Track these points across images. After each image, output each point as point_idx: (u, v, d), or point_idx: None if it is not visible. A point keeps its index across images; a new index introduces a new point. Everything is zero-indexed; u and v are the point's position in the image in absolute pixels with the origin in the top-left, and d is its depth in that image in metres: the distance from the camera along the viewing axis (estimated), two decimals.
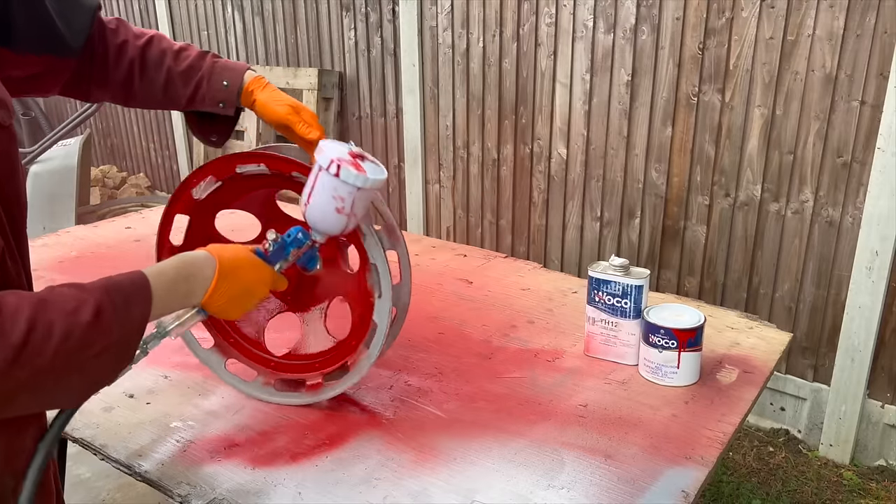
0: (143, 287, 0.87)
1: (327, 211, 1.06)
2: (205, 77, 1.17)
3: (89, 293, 0.80)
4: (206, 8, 4.33)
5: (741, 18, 2.47)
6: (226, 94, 1.17)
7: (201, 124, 1.25)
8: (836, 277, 2.50)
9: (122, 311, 0.82)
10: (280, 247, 1.08)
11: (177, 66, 1.16)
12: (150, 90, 1.17)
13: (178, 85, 1.17)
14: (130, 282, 0.86)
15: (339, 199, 1.05)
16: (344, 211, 1.06)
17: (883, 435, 2.57)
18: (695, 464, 1.12)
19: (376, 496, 1.06)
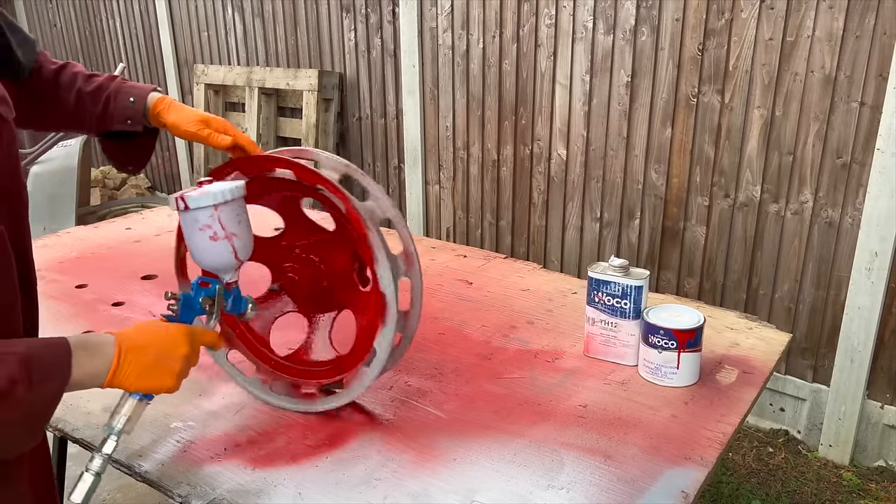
0: (64, 363, 0.84)
1: (205, 246, 1.02)
2: (112, 96, 1.18)
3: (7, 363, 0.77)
4: (206, 9, 4.34)
5: (740, 19, 2.47)
6: (132, 111, 1.18)
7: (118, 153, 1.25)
8: (835, 278, 2.50)
9: (36, 387, 0.79)
10: (185, 303, 1.02)
11: (86, 86, 1.19)
12: (61, 109, 1.19)
13: (87, 104, 1.18)
14: (52, 355, 0.84)
15: (206, 229, 1.00)
16: (218, 236, 1.01)
17: (882, 435, 2.57)
18: (694, 464, 1.12)
19: (376, 496, 1.06)
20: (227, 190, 1.01)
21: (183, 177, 4.93)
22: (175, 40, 4.65)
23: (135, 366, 0.92)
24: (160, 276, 1.82)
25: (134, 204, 4.82)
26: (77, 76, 1.20)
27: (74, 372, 0.85)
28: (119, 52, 5.07)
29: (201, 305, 1.02)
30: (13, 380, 0.77)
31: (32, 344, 0.83)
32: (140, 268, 1.86)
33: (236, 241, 1.03)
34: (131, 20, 4.90)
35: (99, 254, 1.97)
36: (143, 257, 1.94)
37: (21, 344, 0.82)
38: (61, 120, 1.21)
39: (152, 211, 2.39)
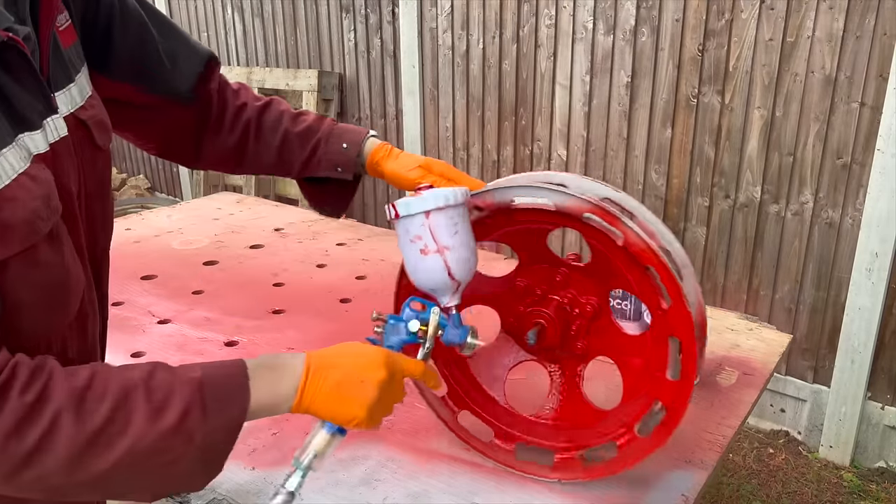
0: (242, 386, 0.76)
1: (415, 261, 0.90)
2: (322, 139, 1.08)
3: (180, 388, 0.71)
4: (206, 9, 4.34)
5: (741, 20, 2.47)
6: (344, 158, 1.07)
7: (316, 193, 1.15)
8: (835, 279, 2.49)
9: (212, 415, 0.72)
10: (392, 325, 0.89)
11: (294, 127, 1.09)
12: (264, 153, 1.09)
13: (294, 147, 1.09)
14: (228, 378, 0.76)
15: (417, 240, 0.88)
16: (429, 249, 0.88)
17: (883, 436, 2.57)
18: (695, 467, 1.12)
19: (376, 497, 1.05)
20: (443, 195, 0.89)
21: (183, 178, 4.93)
22: None
23: (322, 385, 0.80)
24: (159, 276, 1.82)
25: (133, 205, 4.81)
26: (283, 115, 1.10)
27: (256, 394, 0.76)
28: None
29: (411, 330, 0.89)
30: (186, 409, 0.70)
31: (206, 368, 0.75)
32: (139, 268, 1.86)
33: (449, 256, 0.89)
34: None
35: None
36: (142, 258, 1.93)
37: (195, 368, 0.74)
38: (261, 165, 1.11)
39: (152, 212, 2.39)
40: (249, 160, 1.11)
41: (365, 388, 0.81)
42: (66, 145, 0.77)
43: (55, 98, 0.77)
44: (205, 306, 1.65)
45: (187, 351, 1.45)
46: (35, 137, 0.71)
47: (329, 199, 1.15)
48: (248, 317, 1.60)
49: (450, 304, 0.92)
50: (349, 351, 0.84)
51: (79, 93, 0.83)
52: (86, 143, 0.83)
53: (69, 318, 0.78)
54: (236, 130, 1.09)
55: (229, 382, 0.75)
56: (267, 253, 1.97)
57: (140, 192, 5.22)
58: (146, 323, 1.58)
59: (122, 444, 0.67)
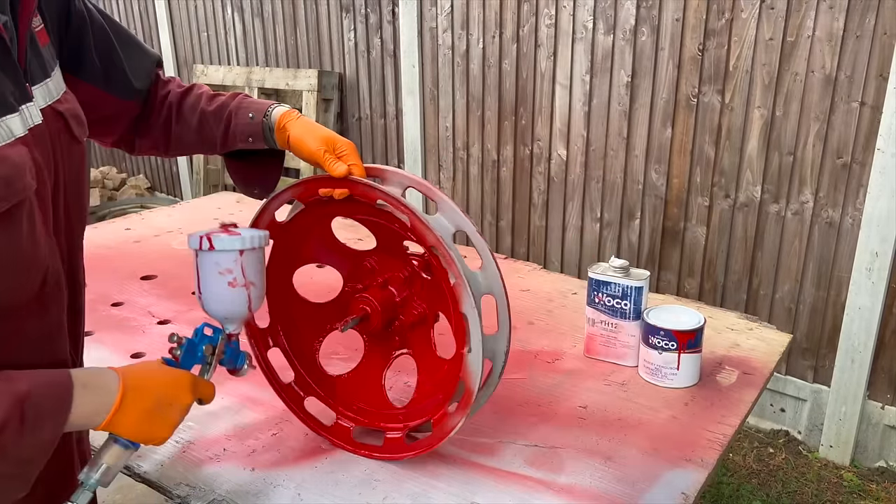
0: (64, 403, 0.78)
1: (221, 291, 0.97)
2: (232, 112, 1.12)
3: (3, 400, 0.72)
4: (206, 9, 4.34)
5: (741, 20, 2.47)
6: (253, 128, 1.11)
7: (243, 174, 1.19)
8: (836, 278, 2.50)
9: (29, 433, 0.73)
10: (188, 348, 0.96)
11: (209, 106, 1.13)
12: (186, 133, 1.14)
13: (210, 124, 1.13)
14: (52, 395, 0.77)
15: (226, 273, 0.96)
16: (237, 283, 0.96)
17: (883, 436, 2.57)
18: (694, 466, 1.12)
19: (376, 497, 1.06)
20: (257, 237, 0.99)
21: (183, 178, 4.93)
22: (175, 41, 4.64)
23: (134, 409, 0.84)
24: (159, 276, 1.82)
25: (133, 204, 4.82)
26: (201, 97, 1.15)
27: (74, 412, 0.78)
28: None
29: (204, 353, 0.97)
30: (4, 422, 0.71)
31: (34, 380, 0.76)
32: (139, 268, 1.86)
33: (253, 291, 0.98)
34: (131, 20, 4.90)
35: (98, 254, 1.96)
36: (142, 258, 1.93)
37: (23, 380, 0.75)
38: (186, 145, 1.16)
39: (152, 211, 2.39)
40: (175, 142, 1.16)
41: (173, 411, 0.89)
42: (40, 133, 0.81)
43: (31, 89, 0.81)
44: None
45: None
46: (13, 120, 0.76)
47: (255, 177, 1.18)
48: None
49: (235, 332, 1.01)
50: (159, 374, 0.90)
51: (55, 87, 0.87)
52: (63, 133, 0.87)
53: (25, 298, 0.80)
54: (161, 115, 1.14)
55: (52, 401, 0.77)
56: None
57: (140, 191, 5.23)
58: (146, 323, 1.58)
59: None
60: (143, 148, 1.18)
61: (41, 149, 0.81)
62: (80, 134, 0.90)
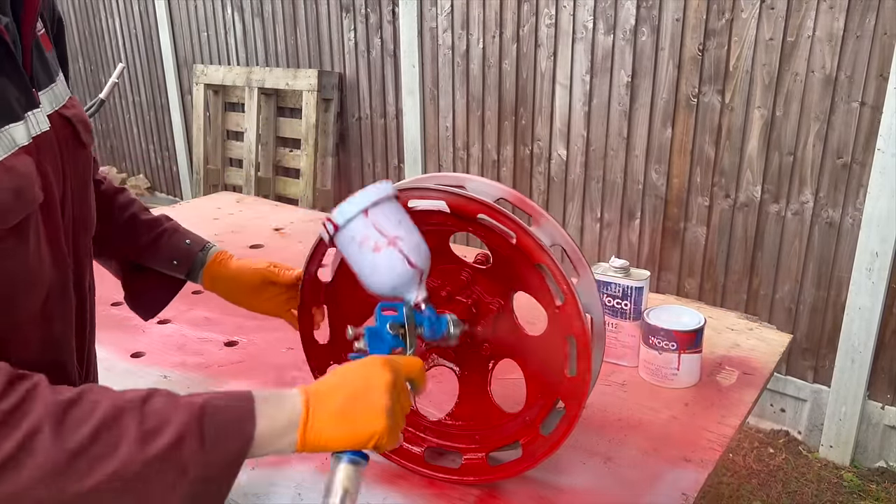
0: (246, 417, 0.70)
1: (373, 262, 0.86)
2: (168, 231, 1.13)
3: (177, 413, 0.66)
4: (206, 9, 4.33)
5: (741, 20, 2.47)
6: (184, 253, 1.12)
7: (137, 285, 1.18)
8: (836, 279, 2.49)
9: (211, 446, 0.66)
10: (372, 336, 0.87)
11: (143, 215, 1.13)
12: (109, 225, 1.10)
13: (138, 230, 1.12)
14: (232, 407, 0.70)
15: (364, 241, 0.86)
16: (380, 245, 0.86)
17: (883, 436, 2.57)
18: (694, 466, 1.12)
19: (376, 497, 1.05)
20: (372, 190, 0.88)
21: (183, 178, 4.93)
22: (175, 40, 4.64)
23: (328, 410, 0.73)
24: None
25: None
26: (134, 203, 1.14)
27: (260, 427, 0.69)
28: (118, 52, 5.07)
29: (392, 334, 0.87)
30: (181, 436, 0.65)
31: (212, 397, 0.69)
32: None
33: (403, 245, 0.86)
34: (131, 20, 4.90)
35: None
36: None
37: (201, 395, 0.69)
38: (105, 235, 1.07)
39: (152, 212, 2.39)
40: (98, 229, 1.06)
41: (374, 394, 0.75)
42: (47, 140, 0.78)
43: (38, 94, 0.78)
44: (205, 306, 1.64)
45: (187, 351, 1.45)
46: (17, 129, 0.72)
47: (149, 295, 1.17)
48: (248, 317, 1.58)
49: (419, 300, 0.89)
50: (344, 368, 0.80)
51: (61, 92, 0.85)
52: (71, 140, 0.84)
53: (29, 313, 0.76)
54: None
55: (232, 412, 0.69)
56: (267, 252, 1.97)
57: (140, 191, 5.22)
58: (146, 323, 1.58)
59: (107, 467, 0.62)
60: None
61: (49, 156, 0.77)
62: (87, 139, 0.88)
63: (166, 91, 4.79)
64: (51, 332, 0.81)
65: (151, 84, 4.92)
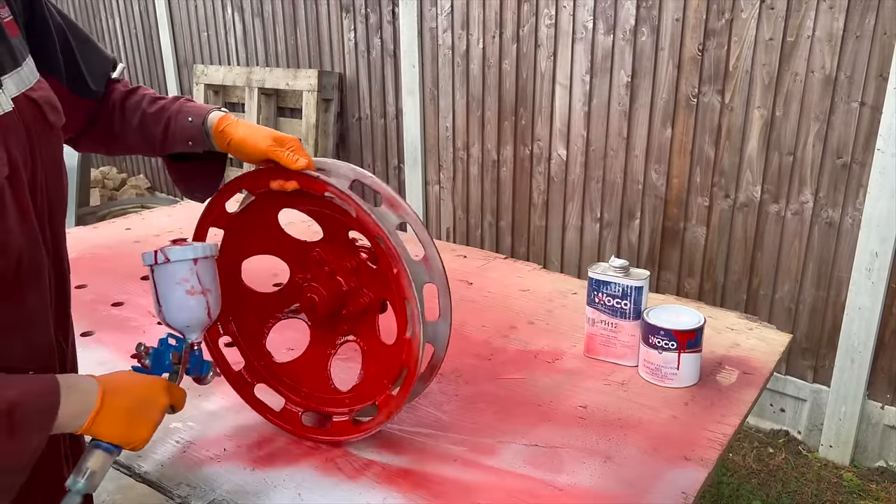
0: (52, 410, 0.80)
1: (180, 300, 1.02)
2: (172, 116, 1.14)
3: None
4: (206, 9, 4.34)
5: (741, 20, 2.47)
6: (193, 131, 1.12)
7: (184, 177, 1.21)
8: (835, 278, 2.50)
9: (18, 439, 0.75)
10: (156, 357, 1.02)
11: (150, 108, 1.15)
12: (128, 132, 1.16)
13: (150, 125, 1.15)
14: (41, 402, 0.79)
15: (184, 282, 1.01)
16: (195, 290, 1.02)
17: (883, 436, 2.57)
18: (694, 465, 1.12)
19: (376, 497, 1.06)
20: (208, 246, 1.05)
21: None
22: (175, 40, 4.65)
23: (115, 410, 0.87)
24: None
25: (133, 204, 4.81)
26: (143, 98, 1.16)
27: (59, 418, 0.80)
28: (119, 52, 5.07)
29: (170, 362, 1.02)
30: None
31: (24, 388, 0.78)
32: (139, 268, 1.86)
33: (210, 297, 1.04)
34: (131, 20, 4.90)
35: (98, 254, 1.96)
36: None
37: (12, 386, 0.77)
38: (128, 143, 1.17)
39: (152, 211, 2.39)
40: (117, 140, 1.17)
41: (153, 411, 0.92)
42: (12, 121, 0.82)
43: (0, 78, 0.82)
44: None
45: None
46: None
47: (196, 180, 1.20)
48: None
49: (197, 341, 1.06)
50: (134, 378, 0.94)
51: (28, 75, 0.89)
52: (38, 120, 0.88)
53: None
54: (105, 112, 1.16)
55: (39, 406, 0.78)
56: None
57: (140, 191, 5.23)
58: (146, 323, 1.58)
59: None
60: (86, 144, 1.19)
61: (14, 136, 0.82)
62: (55, 120, 0.92)
63: (166, 91, 4.79)
64: (24, 305, 0.87)
65: (152, 84, 4.92)
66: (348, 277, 1.18)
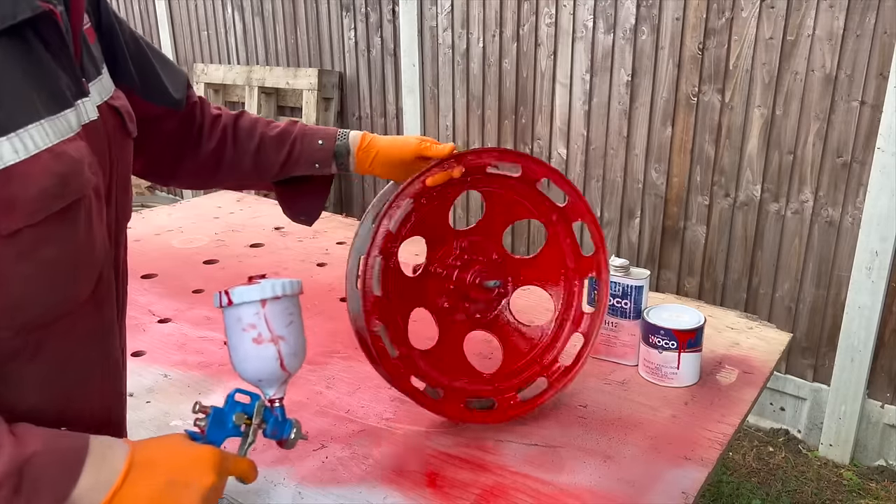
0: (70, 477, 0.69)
1: (248, 351, 0.88)
2: (298, 139, 1.13)
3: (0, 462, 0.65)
4: (206, 8, 4.33)
5: (741, 18, 2.47)
6: (321, 154, 1.13)
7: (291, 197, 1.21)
8: (835, 277, 2.50)
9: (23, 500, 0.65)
10: (216, 417, 0.84)
11: (269, 131, 1.13)
12: (242, 157, 1.13)
13: (269, 150, 1.13)
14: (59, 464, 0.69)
15: (250, 329, 0.88)
16: (263, 339, 0.88)
17: (883, 435, 2.57)
18: (694, 465, 1.12)
19: (376, 496, 1.06)
20: (279, 284, 0.89)
21: None
22: (175, 39, 4.64)
23: (137, 490, 0.72)
24: (159, 275, 1.82)
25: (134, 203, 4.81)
26: (258, 121, 1.15)
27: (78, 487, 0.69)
28: None
29: (235, 424, 0.85)
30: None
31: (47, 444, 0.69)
32: (139, 267, 1.86)
33: (283, 347, 0.89)
34: (131, 19, 4.90)
35: None
36: (142, 256, 1.93)
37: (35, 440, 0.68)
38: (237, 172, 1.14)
39: (152, 211, 2.39)
40: (226, 166, 1.14)
41: (190, 494, 0.75)
42: (94, 130, 0.78)
43: (87, 84, 0.78)
44: (205, 305, 1.65)
45: (188, 350, 1.45)
46: (71, 116, 0.73)
47: (303, 203, 1.20)
48: None
49: (275, 397, 0.91)
50: (177, 449, 0.79)
51: (108, 83, 0.86)
52: (118, 130, 0.85)
53: (80, 298, 0.76)
54: (214, 137, 1.13)
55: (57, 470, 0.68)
56: (267, 252, 1.97)
57: (140, 190, 5.22)
58: (146, 322, 1.58)
59: None
60: (184, 174, 1.15)
61: (97, 145, 0.78)
62: (132, 129, 0.90)
63: None
64: (101, 319, 0.82)
65: None
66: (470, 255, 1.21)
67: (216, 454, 0.80)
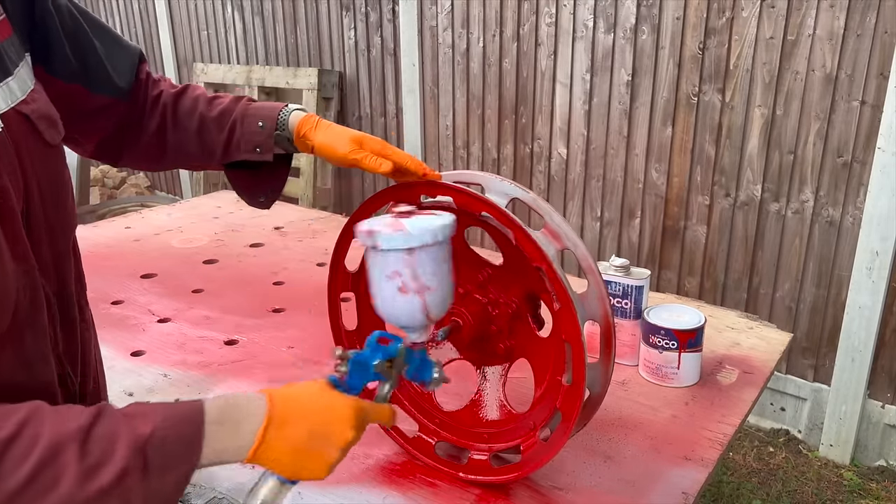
0: (193, 445, 0.69)
1: (393, 297, 0.83)
2: (238, 120, 1.01)
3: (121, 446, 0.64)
4: (206, 8, 4.33)
5: (741, 18, 2.46)
6: (262, 137, 1.00)
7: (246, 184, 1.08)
8: (836, 277, 2.49)
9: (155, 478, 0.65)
10: (357, 363, 0.81)
11: (210, 111, 1.02)
12: (185, 140, 1.03)
13: (211, 131, 1.02)
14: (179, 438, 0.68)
15: (395, 276, 0.81)
16: (408, 289, 0.82)
17: (883, 435, 2.57)
18: (695, 465, 1.12)
19: (376, 496, 1.05)
20: (431, 231, 0.81)
21: (183, 176, 4.93)
22: (175, 39, 4.64)
23: (282, 446, 0.73)
24: (159, 274, 1.82)
25: (133, 203, 4.81)
26: (199, 99, 1.03)
27: (206, 451, 0.69)
28: None
29: (376, 370, 0.83)
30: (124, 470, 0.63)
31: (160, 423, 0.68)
32: (139, 267, 1.86)
33: (429, 297, 0.83)
34: (131, 19, 4.90)
35: (98, 253, 1.96)
36: (142, 256, 1.93)
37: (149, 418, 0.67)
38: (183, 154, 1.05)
39: (152, 210, 2.39)
40: (171, 150, 1.04)
41: (330, 451, 0.76)
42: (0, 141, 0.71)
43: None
44: (205, 305, 1.65)
45: (187, 350, 1.45)
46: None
47: (260, 185, 1.07)
48: (248, 315, 1.60)
49: (419, 341, 0.87)
50: (317, 402, 0.77)
51: (18, 86, 0.76)
52: (30, 138, 0.76)
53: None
54: (154, 119, 1.03)
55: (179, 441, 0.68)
56: (267, 251, 1.97)
57: (140, 190, 5.22)
58: (146, 322, 1.58)
59: None
60: (131, 159, 1.07)
61: (5, 161, 0.71)
62: (52, 137, 0.80)
63: None
64: (23, 349, 0.75)
65: None
66: (484, 292, 1.05)
67: (357, 407, 0.78)
